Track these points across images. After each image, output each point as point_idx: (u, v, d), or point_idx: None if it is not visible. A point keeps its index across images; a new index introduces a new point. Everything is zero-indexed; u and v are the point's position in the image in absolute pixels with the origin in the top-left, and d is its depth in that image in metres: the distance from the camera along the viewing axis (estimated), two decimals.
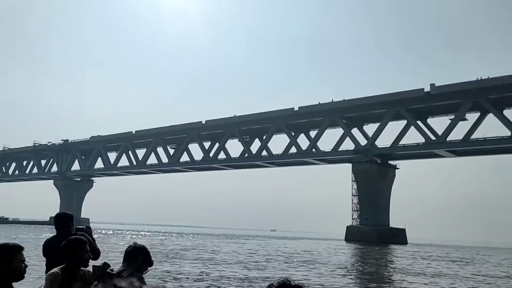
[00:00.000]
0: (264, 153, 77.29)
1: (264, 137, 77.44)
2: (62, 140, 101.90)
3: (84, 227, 4.79)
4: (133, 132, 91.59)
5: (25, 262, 3.10)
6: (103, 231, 73.20)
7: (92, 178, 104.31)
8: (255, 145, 79.51)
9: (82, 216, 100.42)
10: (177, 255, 25.26)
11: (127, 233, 68.67)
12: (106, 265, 2.44)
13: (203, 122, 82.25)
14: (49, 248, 4.49)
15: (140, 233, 72.81)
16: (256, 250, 34.48)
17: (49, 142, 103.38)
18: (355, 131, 69.90)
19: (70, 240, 3.60)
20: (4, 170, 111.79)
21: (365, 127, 71.39)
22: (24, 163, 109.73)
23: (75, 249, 3.53)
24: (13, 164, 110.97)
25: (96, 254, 4.37)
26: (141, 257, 3.41)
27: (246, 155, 78.58)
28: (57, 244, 4.03)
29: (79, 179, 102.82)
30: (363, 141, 68.26)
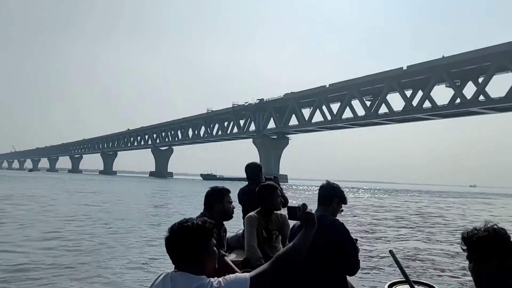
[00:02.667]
0: (481, 98, 65.95)
1: (481, 79, 65.81)
2: (258, 99, 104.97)
3: (272, 177, 4.80)
4: (327, 86, 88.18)
5: (232, 204, 3.58)
6: (300, 187, 72.75)
7: (288, 136, 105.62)
8: (468, 90, 68.45)
9: (280, 173, 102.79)
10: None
11: None
12: (305, 206, 2.39)
13: (404, 68, 73.79)
14: (243, 196, 4.79)
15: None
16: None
17: (246, 102, 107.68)
18: None
19: (263, 186, 3.82)
20: (209, 131, 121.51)
21: None
22: (225, 124, 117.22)
23: (268, 194, 3.74)
24: (216, 125, 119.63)
25: (285, 201, 4.34)
26: (336, 199, 3.17)
27: (459, 100, 68.07)
28: (250, 192, 4.47)
29: (275, 137, 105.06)
30: None
